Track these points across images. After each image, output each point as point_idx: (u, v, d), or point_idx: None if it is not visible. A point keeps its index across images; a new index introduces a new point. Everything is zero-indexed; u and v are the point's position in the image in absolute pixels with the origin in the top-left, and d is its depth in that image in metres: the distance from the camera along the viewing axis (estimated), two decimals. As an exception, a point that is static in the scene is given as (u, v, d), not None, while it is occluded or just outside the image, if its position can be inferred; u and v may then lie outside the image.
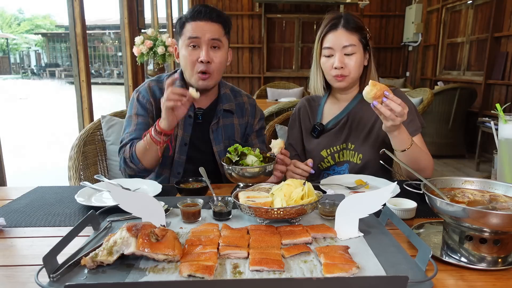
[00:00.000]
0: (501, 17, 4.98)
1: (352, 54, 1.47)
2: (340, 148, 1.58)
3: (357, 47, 1.47)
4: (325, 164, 1.61)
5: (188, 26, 1.46)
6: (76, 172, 1.72)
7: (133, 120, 1.55)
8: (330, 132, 1.60)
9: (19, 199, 1.29)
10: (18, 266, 0.86)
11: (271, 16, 8.01)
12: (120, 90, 5.94)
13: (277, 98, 5.57)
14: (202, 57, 1.44)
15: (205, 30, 1.44)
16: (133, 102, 1.58)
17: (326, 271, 0.77)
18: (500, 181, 0.99)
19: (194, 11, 1.45)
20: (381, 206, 0.96)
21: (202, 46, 1.45)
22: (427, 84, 6.95)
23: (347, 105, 1.59)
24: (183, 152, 1.57)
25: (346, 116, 1.58)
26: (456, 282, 0.78)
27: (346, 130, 1.57)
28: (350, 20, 1.48)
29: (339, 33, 1.47)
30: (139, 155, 1.43)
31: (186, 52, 1.47)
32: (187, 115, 1.54)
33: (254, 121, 1.69)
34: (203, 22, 1.44)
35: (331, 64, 1.48)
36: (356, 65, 1.48)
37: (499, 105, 1.15)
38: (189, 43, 1.45)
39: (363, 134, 1.54)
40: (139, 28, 3.92)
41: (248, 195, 1.06)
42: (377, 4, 7.91)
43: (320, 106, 1.67)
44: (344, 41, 1.46)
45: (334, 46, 1.47)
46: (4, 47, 31.64)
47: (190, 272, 0.76)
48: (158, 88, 1.58)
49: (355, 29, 1.47)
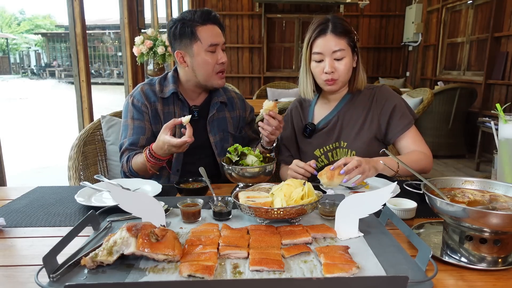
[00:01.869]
0: (501, 17, 4.98)
1: (341, 59, 1.49)
2: (333, 147, 1.60)
3: (346, 51, 1.49)
4: (319, 164, 1.62)
5: (204, 31, 1.51)
6: (76, 172, 1.71)
7: (129, 124, 1.59)
8: (321, 132, 1.62)
9: (19, 199, 1.29)
10: (18, 266, 0.86)
11: (271, 16, 8.00)
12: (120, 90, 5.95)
13: (277, 98, 5.57)
14: (223, 59, 1.57)
15: (218, 35, 1.54)
16: (127, 107, 1.61)
17: (326, 271, 0.77)
18: (500, 181, 0.99)
19: (204, 15, 1.51)
20: (381, 206, 0.96)
21: (218, 49, 1.55)
22: (427, 84, 6.95)
23: (337, 104, 1.62)
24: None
25: (337, 116, 1.61)
26: (456, 282, 0.78)
27: (338, 129, 1.59)
28: (338, 24, 1.49)
29: (328, 38, 1.49)
30: (136, 169, 1.51)
31: (207, 56, 1.53)
32: (182, 115, 1.58)
33: (246, 114, 1.78)
34: (213, 25, 1.53)
35: (322, 69, 1.51)
36: (346, 68, 1.50)
37: (499, 105, 1.15)
38: (211, 49, 1.52)
39: (354, 131, 1.57)
40: (139, 28, 3.92)
41: (248, 195, 1.06)
42: (377, 4, 7.91)
43: (311, 106, 1.70)
44: (334, 46, 1.48)
45: (324, 51, 1.49)
46: (4, 47, 31.64)
47: (190, 272, 0.76)
48: (151, 91, 1.61)
49: (343, 34, 1.49)
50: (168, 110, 1.60)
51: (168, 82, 1.63)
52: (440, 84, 6.18)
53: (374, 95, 1.58)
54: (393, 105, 1.54)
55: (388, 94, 1.58)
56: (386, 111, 1.54)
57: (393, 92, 1.60)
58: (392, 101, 1.55)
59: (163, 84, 1.64)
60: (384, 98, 1.56)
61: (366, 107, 1.57)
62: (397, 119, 1.53)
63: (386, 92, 1.58)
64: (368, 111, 1.57)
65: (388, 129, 1.55)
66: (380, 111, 1.55)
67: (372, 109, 1.56)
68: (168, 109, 1.60)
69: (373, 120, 1.55)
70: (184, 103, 1.62)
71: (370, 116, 1.56)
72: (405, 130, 1.52)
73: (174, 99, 1.61)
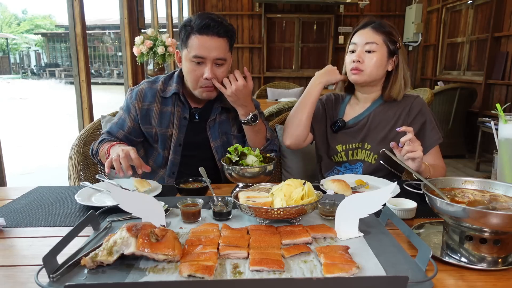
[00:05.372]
0: (501, 17, 4.98)
1: (372, 52, 1.49)
2: (356, 147, 1.60)
3: (379, 46, 1.49)
4: (338, 158, 1.63)
5: (194, 40, 1.43)
6: (76, 172, 1.72)
7: (119, 114, 1.63)
8: (349, 130, 1.63)
9: (19, 199, 1.29)
10: (18, 266, 0.86)
11: (271, 16, 8.00)
12: (120, 90, 5.95)
13: (277, 98, 5.57)
14: (206, 75, 1.45)
15: (211, 49, 1.42)
16: (126, 98, 1.63)
17: (326, 271, 0.77)
18: (500, 181, 0.99)
19: (202, 24, 1.41)
20: (381, 206, 0.96)
21: (207, 63, 1.44)
22: (427, 84, 6.94)
23: (369, 106, 1.62)
24: (177, 152, 1.59)
25: (367, 117, 1.60)
26: (456, 282, 0.78)
27: (365, 131, 1.59)
28: (382, 24, 1.52)
29: (366, 31, 1.52)
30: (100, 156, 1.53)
31: (190, 66, 1.46)
32: (182, 117, 1.58)
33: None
34: (209, 37, 1.42)
35: (352, 59, 1.52)
36: (374, 63, 1.50)
37: (499, 105, 1.15)
38: (196, 60, 1.44)
39: (381, 135, 1.56)
40: (139, 28, 3.92)
41: (248, 195, 1.06)
42: (377, 4, 7.91)
43: (343, 103, 1.70)
44: (368, 38, 1.50)
45: (358, 42, 1.52)
46: (4, 47, 31.64)
47: (190, 272, 0.76)
48: (151, 90, 1.59)
49: (382, 31, 1.50)
50: (166, 111, 1.58)
51: (172, 82, 1.60)
52: (440, 84, 6.17)
53: (408, 105, 1.56)
54: (424, 119, 1.53)
55: (422, 107, 1.56)
56: (416, 125, 1.52)
57: (426, 106, 1.58)
58: (424, 115, 1.54)
59: (167, 83, 1.61)
60: (416, 111, 1.54)
61: (397, 115, 1.56)
62: (425, 135, 1.52)
63: (420, 105, 1.56)
64: (398, 120, 1.55)
65: None
66: (410, 123, 1.53)
67: (403, 118, 1.55)
68: (166, 109, 1.58)
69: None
70: (185, 104, 1.59)
71: (399, 124, 1.53)
72: (432, 147, 1.52)
73: (175, 100, 1.59)
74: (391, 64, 1.54)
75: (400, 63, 1.54)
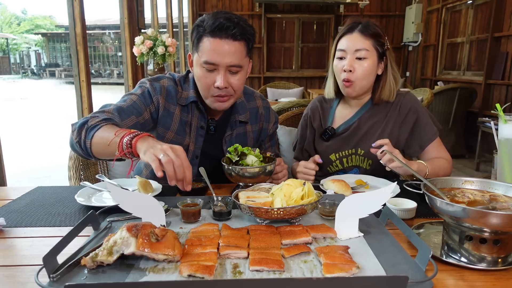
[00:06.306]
0: (501, 17, 4.98)
1: (363, 59, 1.46)
2: (349, 153, 1.57)
3: (369, 52, 1.46)
4: (334, 168, 1.60)
5: (206, 43, 1.27)
6: (76, 172, 1.71)
7: (130, 97, 1.37)
8: (340, 137, 1.59)
9: (19, 199, 1.29)
10: (18, 266, 0.86)
11: (271, 16, 8.00)
12: (120, 90, 5.94)
13: (277, 98, 5.58)
14: (218, 83, 1.29)
15: (224, 54, 1.26)
16: (141, 87, 1.41)
17: (326, 271, 0.77)
18: (500, 181, 0.99)
19: (215, 25, 1.25)
20: (381, 206, 0.96)
21: (219, 70, 1.28)
22: (427, 84, 6.95)
23: (359, 110, 1.58)
24: (194, 164, 1.45)
25: (357, 122, 1.57)
26: (456, 282, 0.78)
27: (357, 136, 1.56)
28: (368, 26, 1.47)
29: (353, 36, 1.47)
30: (96, 140, 1.17)
31: (201, 72, 1.31)
32: (199, 126, 1.46)
33: (269, 126, 1.62)
34: (223, 40, 1.25)
35: (342, 67, 1.48)
36: (365, 70, 1.46)
37: (499, 105, 1.15)
38: (207, 66, 1.29)
39: (373, 139, 1.54)
40: (139, 28, 3.92)
41: (248, 195, 1.06)
42: (377, 4, 7.92)
43: (332, 108, 1.67)
44: (357, 45, 1.45)
45: (347, 49, 1.47)
46: (4, 47, 31.64)
47: (190, 272, 0.76)
48: (173, 90, 1.43)
49: (370, 35, 1.46)
50: (186, 119, 1.44)
51: (188, 86, 1.45)
52: (440, 84, 6.18)
53: (398, 104, 1.53)
54: (415, 117, 1.50)
55: (412, 104, 1.52)
56: (408, 123, 1.50)
57: (417, 102, 1.54)
58: (416, 112, 1.51)
59: (183, 86, 1.45)
60: (407, 109, 1.51)
61: (388, 116, 1.53)
62: (420, 132, 1.49)
63: (410, 102, 1.52)
64: (389, 121, 1.52)
65: (410, 142, 1.51)
66: (401, 122, 1.51)
67: (394, 118, 1.52)
68: (186, 117, 1.44)
69: (394, 131, 1.51)
70: (204, 114, 1.45)
71: (390, 126, 1.51)
72: (429, 143, 1.49)
73: (192, 107, 1.44)
74: (380, 68, 1.52)
75: (389, 64, 1.52)
